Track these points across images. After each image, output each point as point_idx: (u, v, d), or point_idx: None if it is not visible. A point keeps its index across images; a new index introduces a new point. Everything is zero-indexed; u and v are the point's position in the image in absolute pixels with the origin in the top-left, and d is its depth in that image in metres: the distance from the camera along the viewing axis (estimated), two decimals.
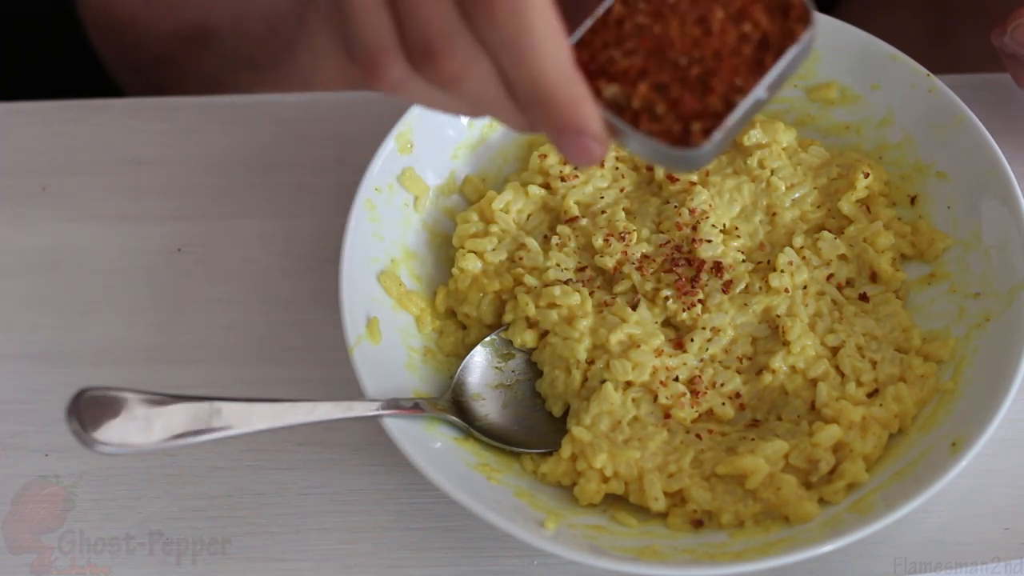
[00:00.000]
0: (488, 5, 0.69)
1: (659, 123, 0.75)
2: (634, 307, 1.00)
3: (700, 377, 0.98)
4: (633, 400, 0.96)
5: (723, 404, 0.97)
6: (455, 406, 0.96)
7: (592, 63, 0.76)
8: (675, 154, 0.75)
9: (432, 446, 0.93)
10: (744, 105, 0.75)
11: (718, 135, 0.74)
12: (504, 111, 0.74)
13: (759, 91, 0.75)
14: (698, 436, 0.96)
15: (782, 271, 1.01)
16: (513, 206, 1.05)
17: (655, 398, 0.97)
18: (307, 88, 1.42)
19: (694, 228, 1.02)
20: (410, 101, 0.77)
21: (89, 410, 0.81)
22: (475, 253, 1.03)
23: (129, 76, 1.48)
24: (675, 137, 0.75)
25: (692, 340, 0.99)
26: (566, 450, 0.95)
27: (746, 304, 1.00)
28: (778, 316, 1.00)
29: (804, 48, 0.76)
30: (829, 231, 1.04)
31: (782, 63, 0.75)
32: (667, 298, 1.00)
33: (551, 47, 0.70)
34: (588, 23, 0.77)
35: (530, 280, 1.01)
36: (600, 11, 0.77)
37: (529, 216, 1.06)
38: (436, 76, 0.72)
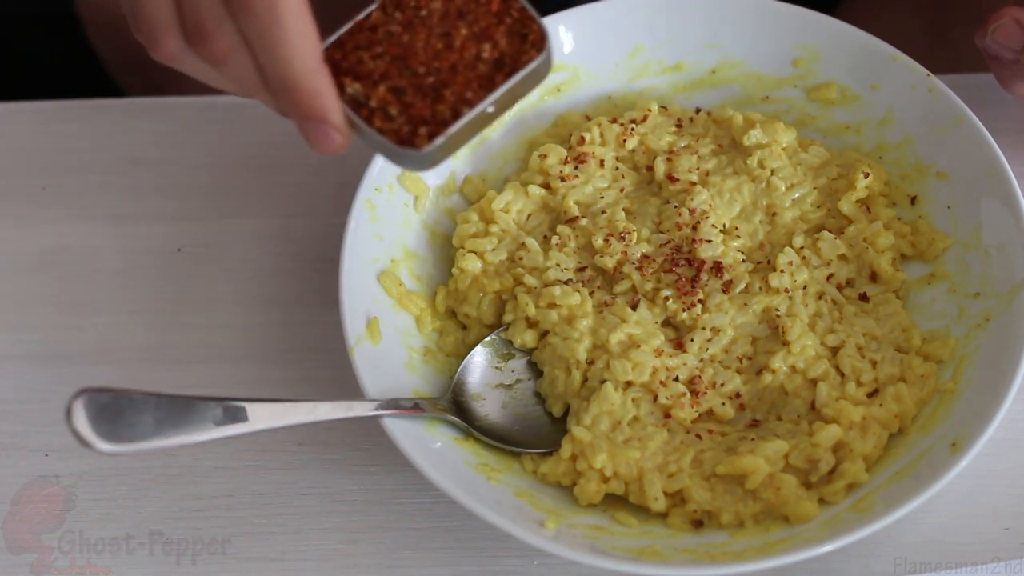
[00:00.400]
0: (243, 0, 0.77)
1: (391, 123, 0.83)
2: (634, 307, 1.00)
3: (700, 377, 0.98)
4: (633, 400, 0.96)
5: (723, 404, 0.97)
6: (455, 406, 0.96)
7: (343, 62, 0.84)
8: (399, 152, 0.83)
9: (432, 446, 0.93)
10: (468, 116, 0.83)
11: (439, 140, 0.82)
12: (263, 95, 0.82)
13: (485, 105, 0.83)
14: (698, 436, 0.96)
15: (782, 271, 1.01)
16: (513, 206, 1.05)
17: (655, 398, 0.97)
18: None
19: (694, 228, 1.02)
20: (185, 73, 0.86)
21: (88, 410, 0.81)
22: (475, 253, 1.03)
23: (129, 75, 1.48)
24: (402, 137, 0.82)
25: (692, 340, 0.99)
26: (566, 450, 0.95)
27: (746, 304, 1.00)
28: (778, 316, 1.00)
29: (536, 71, 0.84)
30: (829, 231, 1.04)
31: (510, 83, 0.83)
32: (667, 298, 1.00)
33: (299, 41, 0.78)
34: (347, 26, 0.85)
35: (530, 280, 1.01)
36: (360, 16, 0.85)
37: (529, 216, 1.06)
38: (206, 55, 0.80)
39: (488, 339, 1.01)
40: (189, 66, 0.84)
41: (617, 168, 1.08)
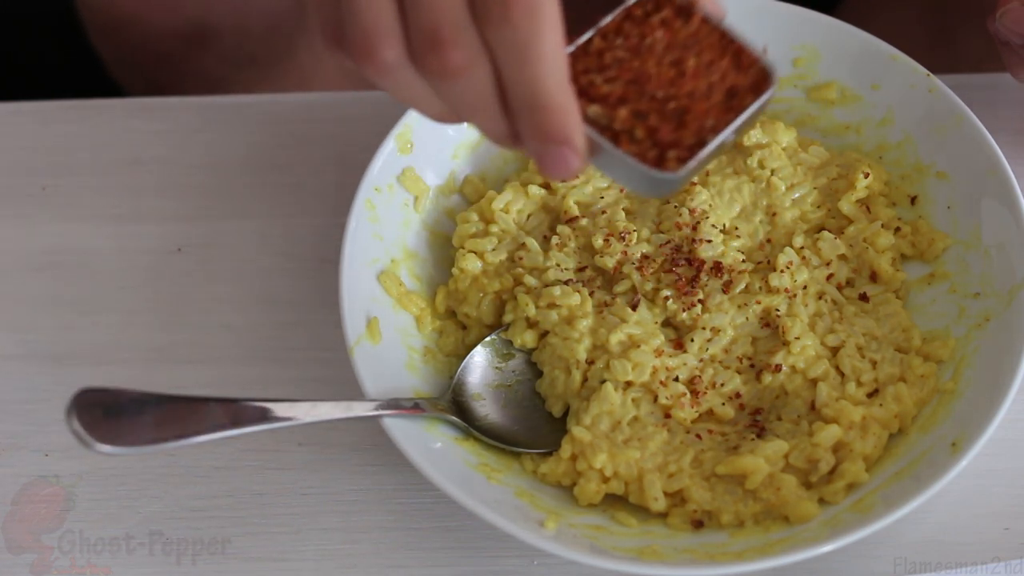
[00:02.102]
0: (505, 4, 0.69)
1: (637, 146, 0.79)
2: (634, 307, 1.00)
3: (700, 377, 0.98)
4: (633, 400, 0.96)
5: (723, 404, 0.97)
6: (455, 406, 0.96)
7: (574, 84, 0.78)
8: (652, 175, 0.79)
9: (432, 446, 0.93)
10: (715, 142, 0.79)
11: (692, 163, 0.78)
12: (488, 116, 0.74)
13: (728, 132, 0.80)
14: (698, 436, 0.96)
15: (782, 271, 1.01)
16: (513, 206, 1.05)
17: (655, 398, 0.97)
18: (307, 87, 1.42)
19: (694, 228, 1.02)
20: (388, 91, 0.76)
21: (89, 410, 0.81)
22: (475, 253, 1.03)
23: (129, 75, 1.48)
24: (651, 161, 0.79)
25: (692, 340, 0.99)
26: (566, 450, 0.95)
27: (746, 304, 1.00)
28: (778, 316, 1.00)
29: (766, 101, 0.82)
30: (829, 231, 1.04)
31: (749, 111, 0.81)
32: (667, 298, 1.00)
33: (556, 55, 0.71)
34: (570, 48, 0.80)
35: (530, 280, 1.01)
36: (582, 40, 0.81)
37: (529, 216, 1.06)
38: (437, 66, 0.71)
39: (488, 339, 1.01)
40: (401, 81, 0.74)
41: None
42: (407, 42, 0.72)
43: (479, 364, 1.00)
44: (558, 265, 1.02)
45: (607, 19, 0.81)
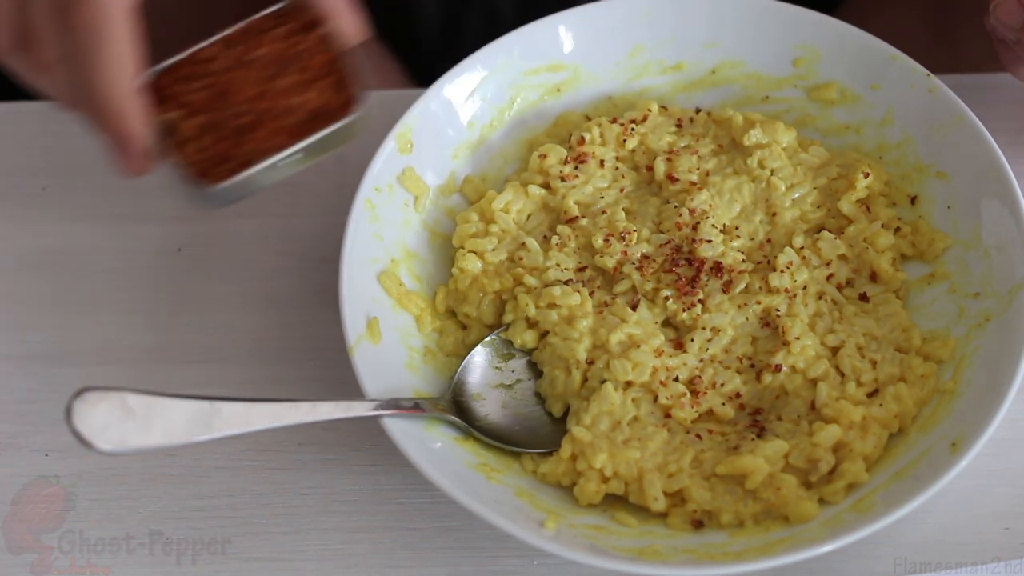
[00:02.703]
0: (68, 18, 0.81)
1: (197, 155, 0.85)
2: (634, 307, 1.00)
3: (700, 377, 0.98)
4: (633, 400, 0.96)
5: (723, 404, 0.97)
6: (455, 406, 0.96)
7: (168, 89, 0.88)
8: (189, 185, 0.85)
9: (432, 446, 0.93)
10: (266, 163, 0.85)
11: (230, 181, 0.85)
12: (74, 108, 0.85)
13: (286, 154, 0.86)
14: (698, 436, 0.96)
15: (782, 271, 1.01)
16: (513, 206, 1.05)
17: (655, 398, 0.97)
18: None
19: (694, 228, 1.02)
20: (18, 74, 0.89)
21: (89, 410, 0.81)
22: (475, 253, 1.03)
23: None
24: (201, 171, 0.85)
25: (692, 340, 0.99)
26: (566, 450, 0.95)
27: (746, 304, 1.00)
28: (778, 316, 1.00)
29: (344, 130, 0.88)
30: (829, 231, 1.04)
31: (314, 138, 0.87)
32: (667, 298, 1.00)
33: (115, 65, 0.81)
34: (183, 55, 0.89)
35: (530, 280, 1.01)
36: (198, 46, 0.90)
37: (529, 216, 1.06)
38: (31, 60, 0.84)
39: (488, 339, 1.01)
40: (17, 66, 0.88)
41: (617, 168, 1.08)
42: (17, 34, 0.85)
43: (479, 364, 1.00)
44: (558, 265, 1.02)
45: (229, 30, 0.89)
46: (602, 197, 1.06)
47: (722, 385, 0.98)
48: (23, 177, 1.16)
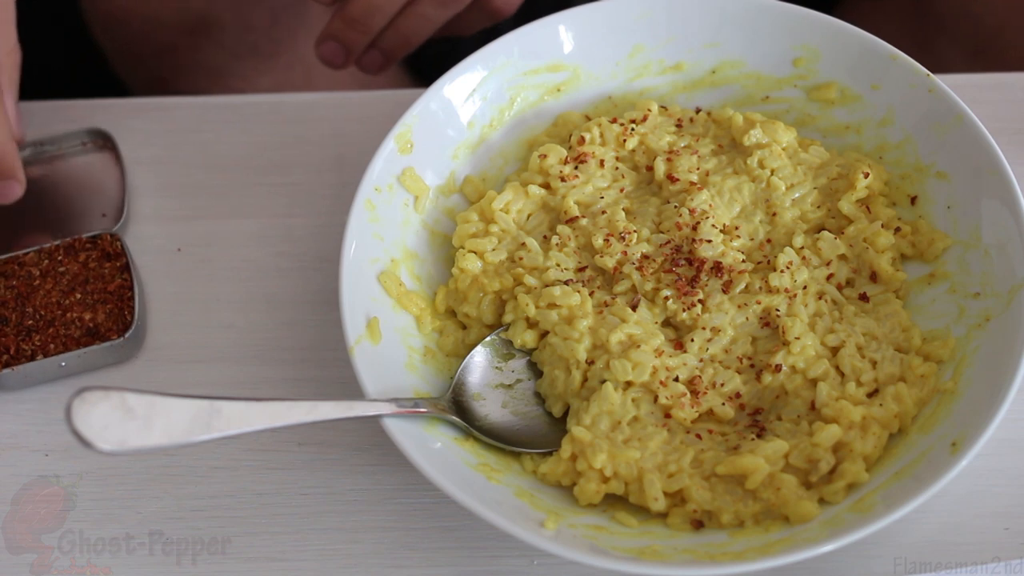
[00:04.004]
0: None
1: None
2: (634, 307, 1.00)
3: (700, 377, 0.98)
4: (633, 400, 0.96)
5: (723, 404, 0.97)
6: (455, 406, 0.96)
7: None
8: None
9: (432, 446, 0.93)
10: (35, 363, 1.02)
11: (6, 371, 1.02)
12: None
13: (56, 360, 1.02)
14: (698, 436, 0.96)
15: (782, 271, 1.01)
16: (513, 206, 1.05)
17: (655, 398, 0.97)
18: (308, 78, 1.42)
19: (694, 228, 1.02)
20: None
21: (89, 410, 0.81)
22: (475, 253, 1.03)
23: (131, 67, 1.48)
24: None
25: (692, 340, 0.99)
26: (566, 450, 0.95)
27: (746, 304, 1.00)
28: (778, 316, 1.00)
29: (112, 349, 1.03)
30: (829, 231, 1.04)
31: (83, 351, 1.02)
32: (667, 298, 1.00)
33: None
34: (8, 255, 1.07)
35: (530, 280, 1.01)
36: (26, 250, 1.07)
37: (529, 216, 1.06)
38: None
39: (488, 339, 1.01)
40: None
41: (617, 168, 1.08)
42: None
43: (479, 364, 1.00)
44: (558, 265, 1.02)
45: (53, 243, 1.07)
46: (602, 197, 1.06)
47: (722, 385, 0.98)
48: None
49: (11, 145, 1.03)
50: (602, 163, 1.07)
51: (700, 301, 1.00)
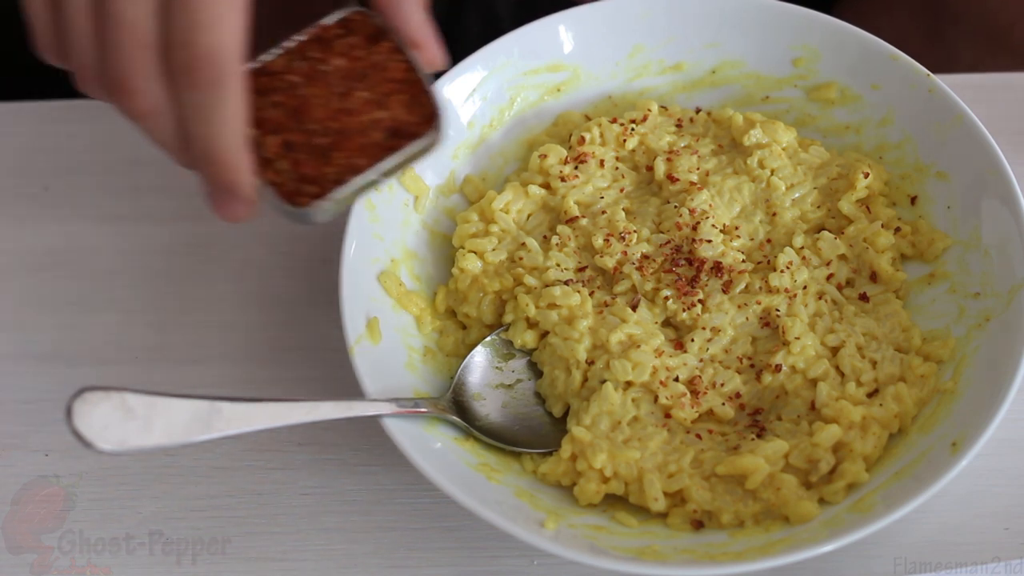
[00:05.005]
0: (192, 72, 0.76)
1: (279, 176, 0.83)
2: (634, 307, 1.00)
3: (700, 377, 0.98)
4: (633, 400, 0.96)
5: (723, 404, 0.97)
6: (455, 406, 0.96)
7: None
8: (284, 208, 0.83)
9: (432, 446, 0.93)
10: (353, 184, 0.83)
11: (322, 203, 0.82)
12: (175, 152, 0.81)
13: (371, 174, 0.83)
14: (698, 436, 0.96)
15: (782, 271, 1.01)
16: (513, 206, 1.05)
17: (655, 398, 0.97)
18: None
19: (694, 228, 1.02)
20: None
21: (89, 410, 0.81)
22: (475, 253, 1.03)
23: None
24: (286, 193, 0.83)
25: (692, 340, 0.99)
26: (566, 450, 0.95)
27: (746, 304, 1.00)
28: (778, 316, 1.00)
29: (426, 146, 0.85)
30: (829, 231, 1.04)
31: (398, 156, 0.83)
32: (667, 298, 1.00)
33: (234, 120, 0.78)
34: (250, 65, 0.84)
35: (530, 280, 1.01)
36: (263, 57, 0.85)
37: (529, 216, 1.06)
38: (126, 109, 0.79)
39: (488, 339, 1.01)
40: (101, 99, 0.83)
41: (617, 168, 1.08)
42: (105, 81, 0.80)
43: (479, 364, 1.00)
44: (558, 265, 1.02)
45: (296, 38, 0.85)
46: (602, 197, 1.06)
47: (722, 385, 0.98)
48: (24, 177, 1.16)
49: (242, 155, 0.81)
50: (602, 163, 1.07)
51: (700, 301, 1.00)
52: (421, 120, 0.84)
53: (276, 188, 0.83)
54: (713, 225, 1.03)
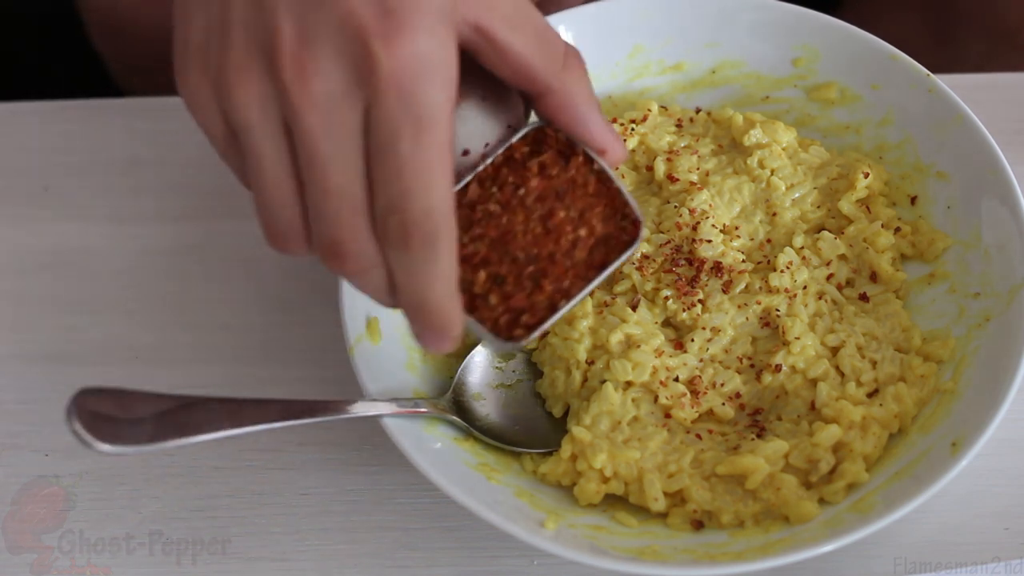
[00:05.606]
0: (407, 237, 0.74)
1: (490, 311, 0.82)
2: (634, 307, 1.00)
3: (700, 377, 0.98)
4: (633, 400, 0.96)
5: (723, 404, 0.97)
6: (455, 406, 0.96)
7: None
8: (497, 343, 0.82)
9: (432, 446, 0.93)
10: (566, 308, 0.82)
11: (535, 333, 0.82)
12: (382, 299, 0.80)
13: (582, 296, 0.82)
14: (698, 436, 0.96)
15: (782, 271, 1.01)
16: None
17: (655, 398, 0.97)
18: None
19: (694, 228, 1.02)
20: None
21: (89, 410, 0.81)
22: None
23: (130, 75, 1.48)
24: (499, 327, 0.82)
25: (692, 340, 0.99)
26: (566, 450, 0.95)
27: (746, 304, 1.00)
28: (778, 316, 1.00)
29: (629, 257, 0.84)
30: (829, 231, 1.04)
31: (608, 271, 0.83)
32: (667, 298, 1.00)
33: (447, 274, 0.76)
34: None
35: None
36: (457, 187, 0.81)
37: None
38: (337, 269, 0.78)
39: None
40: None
41: (617, 168, 1.08)
42: (311, 243, 0.79)
43: (479, 364, 1.00)
44: None
45: (487, 162, 0.82)
46: None
47: (722, 385, 0.98)
48: (23, 177, 1.16)
49: (453, 303, 0.78)
50: None
51: (700, 301, 1.00)
52: (619, 230, 0.83)
53: (488, 324, 0.82)
54: (713, 225, 1.03)
